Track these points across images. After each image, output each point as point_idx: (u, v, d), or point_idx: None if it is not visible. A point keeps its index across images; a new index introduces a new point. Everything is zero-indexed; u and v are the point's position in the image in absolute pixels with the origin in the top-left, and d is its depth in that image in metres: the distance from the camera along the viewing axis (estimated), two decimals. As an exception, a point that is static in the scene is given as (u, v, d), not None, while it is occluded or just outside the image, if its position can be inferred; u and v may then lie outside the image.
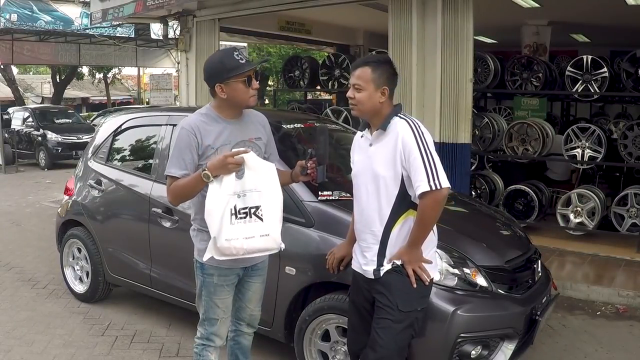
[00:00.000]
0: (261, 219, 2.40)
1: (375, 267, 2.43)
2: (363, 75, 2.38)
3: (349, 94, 2.43)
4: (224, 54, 2.51)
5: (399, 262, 2.39)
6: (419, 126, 2.35)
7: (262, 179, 2.41)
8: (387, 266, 2.41)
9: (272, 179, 2.44)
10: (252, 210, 2.39)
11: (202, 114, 2.57)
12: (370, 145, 2.45)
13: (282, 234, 2.51)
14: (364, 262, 2.48)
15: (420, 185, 2.26)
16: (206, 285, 2.61)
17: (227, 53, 2.51)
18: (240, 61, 2.45)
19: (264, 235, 2.41)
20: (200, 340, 2.69)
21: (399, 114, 2.41)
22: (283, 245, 2.52)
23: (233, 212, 2.37)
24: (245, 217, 2.38)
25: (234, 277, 2.63)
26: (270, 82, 21.97)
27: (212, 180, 2.36)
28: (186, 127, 2.51)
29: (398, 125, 2.36)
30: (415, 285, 2.38)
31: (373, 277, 2.44)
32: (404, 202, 2.38)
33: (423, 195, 2.27)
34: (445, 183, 2.27)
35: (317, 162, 2.54)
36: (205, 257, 2.45)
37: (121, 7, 7.46)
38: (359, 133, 2.59)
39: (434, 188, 2.25)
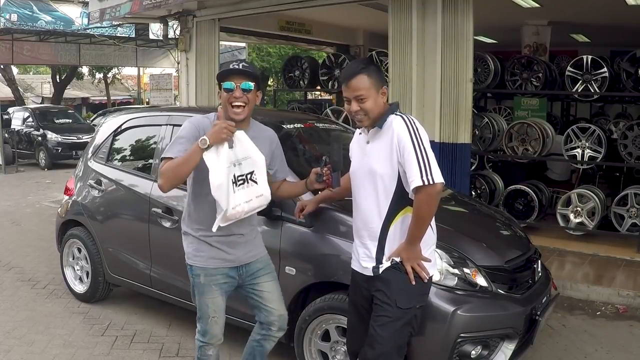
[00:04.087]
0: (256, 182, 2.53)
1: (374, 264, 2.44)
2: (362, 85, 2.36)
3: (354, 107, 2.39)
4: (227, 61, 2.64)
5: (397, 259, 2.40)
6: (413, 122, 2.36)
7: (248, 146, 2.52)
8: (386, 263, 2.42)
9: (251, 144, 2.54)
10: (248, 176, 2.51)
11: (211, 118, 2.64)
12: (368, 143, 2.47)
13: (282, 234, 2.53)
14: (363, 260, 2.48)
15: (413, 180, 2.28)
16: (196, 286, 2.69)
17: (229, 61, 2.60)
18: (231, 67, 2.52)
19: (259, 196, 2.56)
20: (198, 337, 2.77)
21: (395, 112, 2.42)
22: (270, 197, 2.63)
23: (234, 180, 2.47)
24: (243, 183, 2.50)
25: (221, 277, 2.66)
26: (270, 82, 21.98)
27: (208, 147, 2.40)
28: (193, 122, 2.60)
29: (394, 122, 2.37)
30: (414, 283, 2.39)
31: (372, 275, 2.44)
32: (401, 199, 2.40)
33: (417, 190, 2.29)
34: (438, 178, 2.28)
35: (331, 169, 2.57)
36: (214, 228, 2.52)
37: (118, 6, 7.45)
38: (357, 131, 2.61)
39: (426, 183, 2.26)
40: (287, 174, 2.90)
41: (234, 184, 2.46)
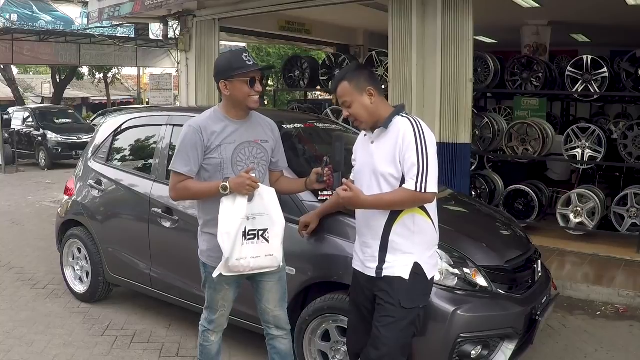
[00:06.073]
0: (267, 241, 2.55)
1: (377, 264, 2.43)
2: (344, 92, 2.43)
3: (344, 115, 2.49)
4: (233, 54, 2.63)
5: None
6: (420, 126, 2.35)
7: (269, 203, 2.55)
8: (388, 264, 2.41)
9: (276, 203, 2.58)
10: (260, 233, 2.54)
11: (209, 113, 2.68)
12: (372, 142, 2.47)
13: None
14: (366, 260, 2.48)
15: (407, 182, 2.30)
16: (208, 281, 2.73)
17: (236, 53, 2.62)
18: (247, 62, 2.56)
19: (269, 255, 2.57)
20: (203, 322, 2.84)
21: (401, 113, 2.42)
22: (282, 264, 2.70)
23: (244, 233, 2.49)
24: (253, 239, 2.53)
25: (235, 276, 2.65)
26: (270, 82, 21.96)
27: (227, 194, 2.47)
28: (193, 126, 2.62)
29: (400, 123, 2.37)
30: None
31: (375, 275, 2.44)
32: None
33: (406, 189, 2.30)
34: (431, 189, 2.29)
35: (333, 170, 2.57)
36: (215, 274, 2.56)
37: (118, 6, 7.44)
38: (362, 132, 2.61)
39: (418, 190, 2.28)
40: (286, 165, 2.93)
41: (244, 237, 2.49)
